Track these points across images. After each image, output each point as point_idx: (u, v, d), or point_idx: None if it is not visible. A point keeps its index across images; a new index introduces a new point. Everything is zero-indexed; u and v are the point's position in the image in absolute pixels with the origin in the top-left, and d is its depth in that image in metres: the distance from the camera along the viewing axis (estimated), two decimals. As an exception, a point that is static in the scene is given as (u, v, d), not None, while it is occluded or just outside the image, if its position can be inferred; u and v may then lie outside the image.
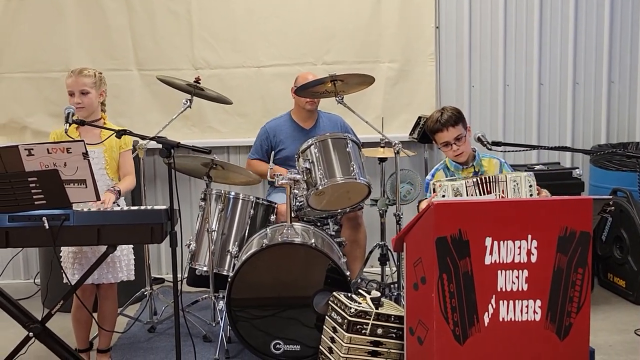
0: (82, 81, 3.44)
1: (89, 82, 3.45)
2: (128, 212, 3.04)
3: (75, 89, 3.43)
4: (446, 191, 3.17)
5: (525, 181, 3.13)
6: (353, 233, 4.34)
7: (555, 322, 2.79)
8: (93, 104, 3.46)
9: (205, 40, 5.13)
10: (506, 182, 3.12)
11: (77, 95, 3.42)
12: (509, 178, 3.13)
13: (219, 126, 5.21)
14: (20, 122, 5.14)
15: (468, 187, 3.16)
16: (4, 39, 5.05)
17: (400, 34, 5.16)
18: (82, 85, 3.43)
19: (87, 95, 3.43)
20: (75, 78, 3.45)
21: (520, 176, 3.14)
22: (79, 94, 3.42)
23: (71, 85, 3.45)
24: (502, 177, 3.14)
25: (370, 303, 3.32)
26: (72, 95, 3.44)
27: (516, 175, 3.15)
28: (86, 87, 3.43)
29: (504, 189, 3.12)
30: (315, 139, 3.89)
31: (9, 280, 5.31)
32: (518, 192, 3.11)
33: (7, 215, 2.90)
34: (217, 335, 3.86)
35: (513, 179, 3.13)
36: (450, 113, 3.45)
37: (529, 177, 3.14)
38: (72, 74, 3.47)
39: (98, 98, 3.50)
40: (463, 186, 3.16)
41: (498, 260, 2.76)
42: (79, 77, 3.45)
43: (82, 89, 3.42)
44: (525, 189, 3.10)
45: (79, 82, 3.43)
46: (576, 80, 5.34)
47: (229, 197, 4.08)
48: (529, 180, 3.14)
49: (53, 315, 3.10)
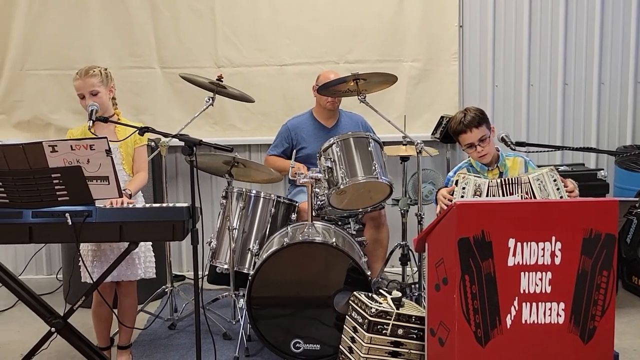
0: (89, 82, 3.38)
1: (96, 81, 3.39)
2: (150, 209, 3.04)
3: (85, 91, 3.38)
4: (468, 184, 3.14)
5: (548, 177, 3.10)
6: (376, 232, 4.32)
7: (579, 325, 2.75)
8: (105, 103, 3.41)
9: (228, 38, 5.14)
10: (530, 183, 3.09)
11: (87, 97, 3.37)
12: (532, 178, 3.10)
13: (241, 124, 5.22)
14: (44, 119, 5.18)
15: (491, 187, 3.13)
16: (29, 37, 5.10)
17: (424, 32, 5.13)
18: (90, 86, 3.37)
19: (97, 95, 3.38)
20: (82, 80, 3.39)
21: (542, 173, 3.11)
22: (89, 95, 3.37)
23: (80, 87, 3.39)
24: (524, 179, 3.10)
25: (391, 303, 3.31)
26: (82, 98, 3.40)
27: (538, 174, 3.12)
28: (95, 87, 3.38)
29: (527, 191, 3.09)
30: (337, 138, 3.88)
31: (32, 275, 5.37)
32: (545, 189, 3.08)
33: (30, 211, 2.92)
34: (237, 333, 3.87)
35: (536, 178, 3.10)
36: (474, 114, 3.42)
37: (551, 172, 3.11)
38: (79, 76, 3.40)
39: (108, 95, 3.45)
40: (485, 185, 3.14)
41: (521, 262, 2.73)
42: (86, 78, 3.38)
43: (92, 90, 3.37)
44: (551, 185, 3.07)
45: (87, 84, 3.38)
46: (601, 80, 5.27)
47: (250, 195, 4.08)
48: (552, 175, 3.11)
49: (75, 311, 3.12)
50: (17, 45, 5.11)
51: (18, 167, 2.83)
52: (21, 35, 5.10)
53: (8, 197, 2.90)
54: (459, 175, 3.23)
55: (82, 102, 3.41)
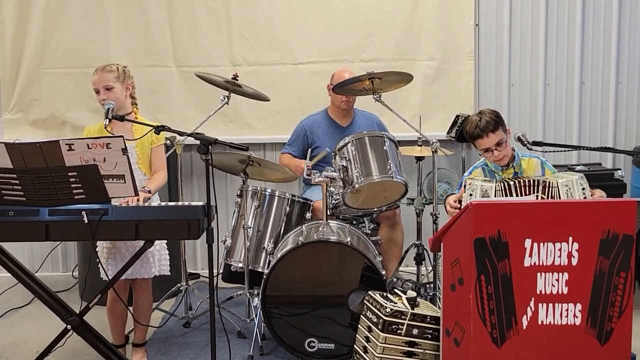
0: (105, 77, 3.42)
1: (111, 77, 3.43)
2: (165, 208, 3.04)
3: (100, 86, 3.42)
4: (475, 191, 3.12)
5: (577, 185, 3.04)
6: (390, 231, 4.31)
7: (596, 327, 2.73)
8: (119, 99, 3.42)
9: (243, 37, 5.14)
10: (558, 188, 3.04)
11: (102, 92, 3.41)
12: (561, 184, 3.04)
13: (256, 123, 5.23)
14: (60, 117, 5.21)
15: (497, 191, 3.10)
16: (46, 35, 5.13)
17: (439, 31, 5.11)
18: (105, 81, 3.41)
19: (111, 91, 3.41)
20: (98, 75, 3.43)
21: (572, 180, 3.05)
22: (104, 90, 3.41)
23: (95, 82, 3.43)
24: (553, 183, 3.05)
25: (406, 303, 3.30)
26: (97, 93, 3.43)
27: (567, 180, 3.06)
28: (109, 82, 3.41)
29: (554, 195, 3.03)
30: (352, 137, 3.87)
31: (48, 272, 5.41)
32: (572, 196, 3.02)
33: (47, 209, 2.94)
34: (251, 331, 3.88)
35: (565, 184, 3.04)
36: (489, 118, 3.35)
37: (581, 180, 3.05)
38: (96, 72, 3.46)
39: (124, 92, 3.47)
40: (492, 189, 3.10)
41: (538, 263, 2.71)
42: (102, 73, 3.43)
43: (106, 85, 3.41)
44: (579, 193, 3.01)
45: (102, 79, 3.42)
46: (619, 79, 5.23)
47: (265, 194, 4.09)
48: (581, 183, 3.04)
49: (90, 309, 3.13)
50: (34, 43, 5.14)
51: (35, 165, 2.85)
52: (38, 34, 5.13)
53: (25, 195, 2.92)
54: (467, 180, 3.20)
55: (98, 98, 3.44)
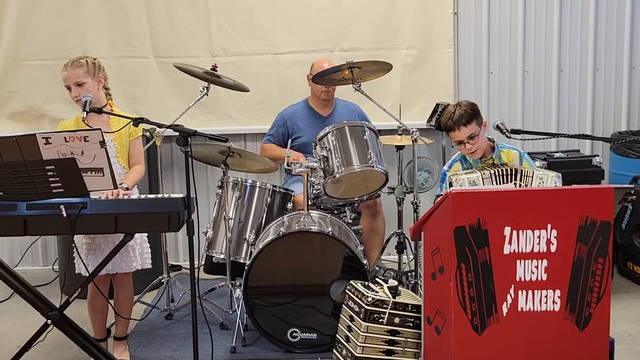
0: (75, 73, 3.33)
1: (81, 72, 3.34)
2: (145, 201, 3.03)
3: (70, 82, 3.34)
4: (462, 184, 3.14)
5: (551, 181, 3.08)
6: (371, 221, 4.32)
7: (574, 312, 2.76)
8: (93, 93, 3.33)
9: (222, 27, 5.11)
10: (532, 177, 3.08)
11: (73, 88, 3.34)
12: (536, 175, 3.08)
13: (236, 113, 5.21)
14: (38, 110, 5.16)
15: (485, 179, 3.13)
16: (23, 27, 5.07)
17: (418, 20, 5.11)
18: (75, 77, 3.33)
19: (83, 86, 3.33)
20: (68, 72, 3.35)
21: (548, 175, 3.09)
22: (75, 86, 3.33)
23: (66, 79, 3.35)
24: (529, 172, 3.09)
25: (387, 292, 3.31)
26: (69, 89, 3.36)
27: (543, 173, 3.09)
28: (80, 78, 3.33)
29: (527, 184, 3.08)
30: (333, 127, 3.87)
31: (28, 266, 5.37)
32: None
33: (25, 203, 2.91)
34: (233, 322, 3.88)
35: (540, 177, 3.08)
36: (463, 110, 3.37)
37: (556, 179, 3.09)
38: (65, 68, 3.36)
39: (96, 85, 3.39)
40: (480, 179, 3.13)
41: (517, 250, 2.73)
42: (71, 69, 3.34)
43: (77, 81, 3.33)
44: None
45: (73, 75, 3.33)
46: (596, 66, 5.26)
47: (245, 185, 4.08)
48: (556, 181, 3.09)
49: (71, 303, 3.11)
50: (10, 35, 5.07)
51: (12, 159, 2.82)
52: (14, 25, 5.06)
53: (2, 190, 2.89)
54: (451, 177, 3.21)
55: (70, 94, 3.38)
